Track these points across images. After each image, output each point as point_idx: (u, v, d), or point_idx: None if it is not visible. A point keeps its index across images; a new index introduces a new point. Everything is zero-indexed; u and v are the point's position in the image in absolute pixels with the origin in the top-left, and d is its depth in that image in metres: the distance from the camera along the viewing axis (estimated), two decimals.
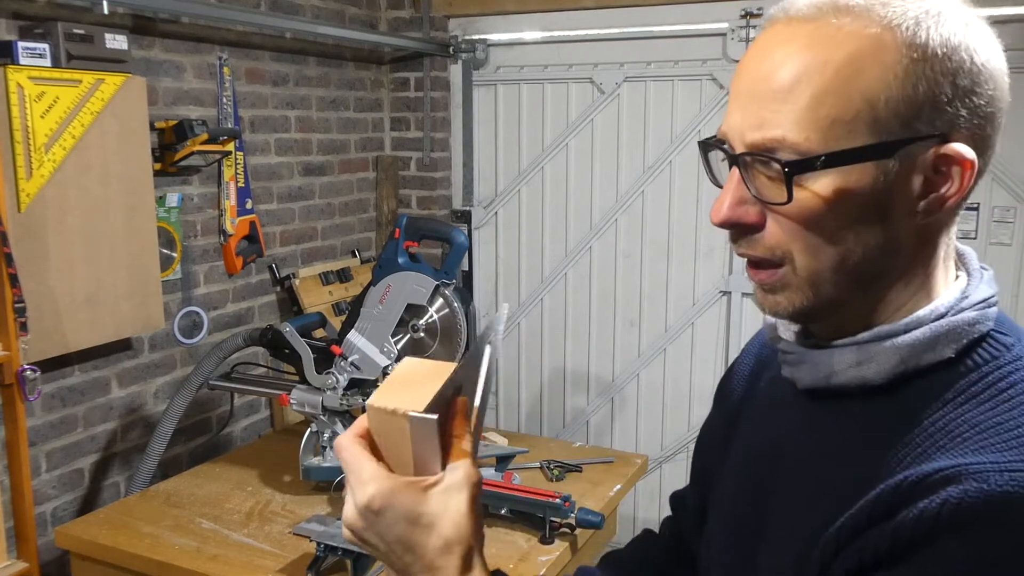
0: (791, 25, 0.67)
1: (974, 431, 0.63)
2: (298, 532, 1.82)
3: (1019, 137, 2.76)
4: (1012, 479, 0.58)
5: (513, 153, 3.51)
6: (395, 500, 0.65)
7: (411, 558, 0.66)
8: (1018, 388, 0.65)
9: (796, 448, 0.76)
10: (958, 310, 0.70)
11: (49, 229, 2.11)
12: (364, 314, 1.99)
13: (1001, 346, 0.69)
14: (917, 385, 0.69)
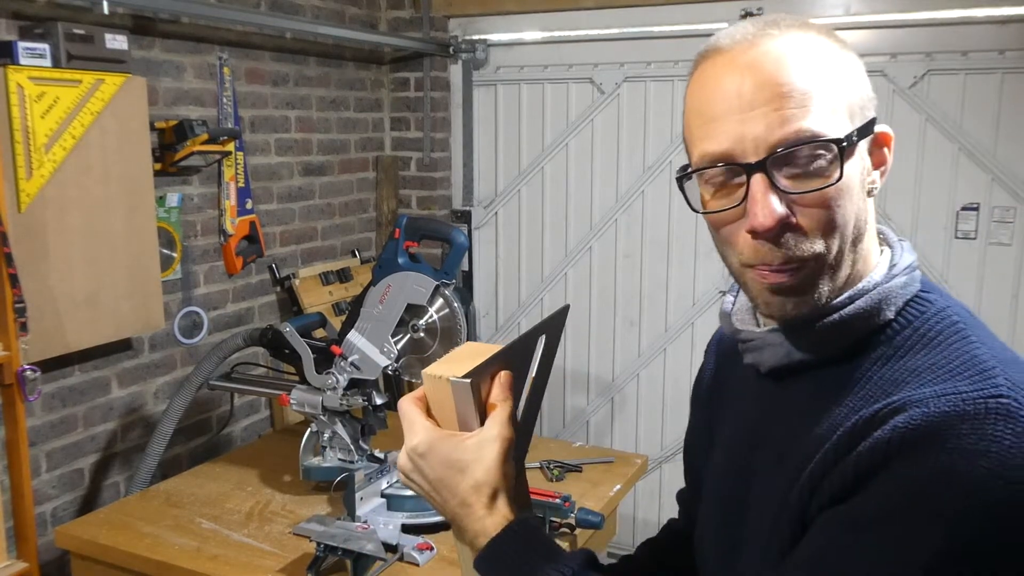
0: (760, 44, 0.75)
1: (913, 375, 0.72)
2: (298, 532, 1.82)
3: (1019, 137, 2.76)
4: (949, 401, 0.66)
5: (513, 153, 3.51)
6: (437, 447, 0.82)
7: (448, 494, 0.82)
8: (945, 334, 0.74)
9: (767, 428, 0.84)
10: (890, 277, 0.79)
11: (49, 229, 2.11)
12: (364, 314, 1.99)
13: (927, 302, 0.78)
14: (864, 347, 0.77)
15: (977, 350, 0.72)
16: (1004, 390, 0.66)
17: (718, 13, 3.01)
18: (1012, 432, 0.64)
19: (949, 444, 0.64)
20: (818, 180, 0.74)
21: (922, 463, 0.65)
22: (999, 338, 0.77)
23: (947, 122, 2.84)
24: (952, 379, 0.69)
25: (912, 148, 2.90)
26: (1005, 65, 2.73)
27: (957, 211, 2.87)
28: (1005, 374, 0.68)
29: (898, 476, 0.66)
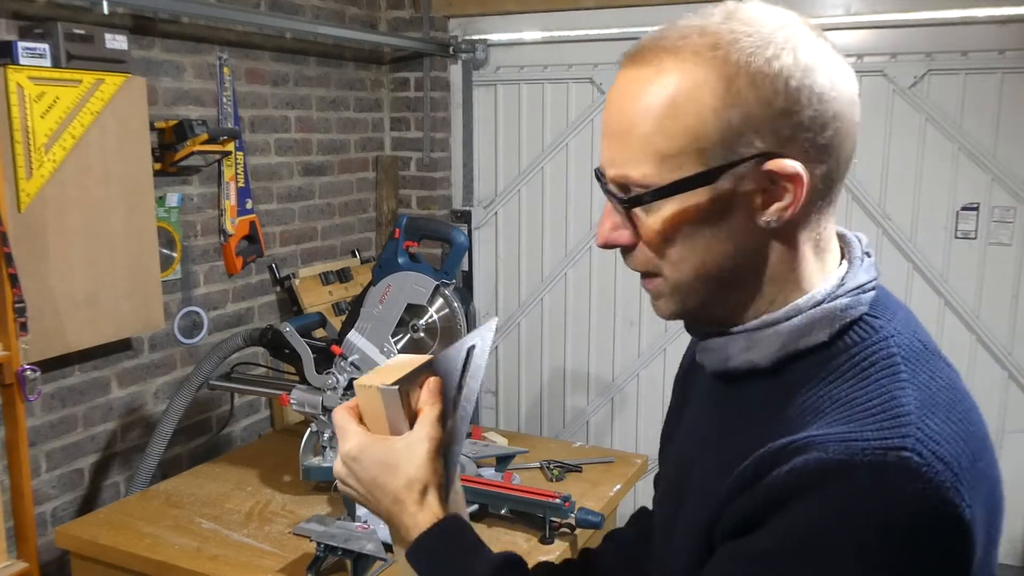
0: (629, 70, 0.76)
1: (834, 405, 0.71)
2: (298, 532, 1.82)
3: (1019, 137, 2.76)
4: (849, 448, 0.65)
5: (513, 153, 3.51)
6: (368, 450, 0.86)
7: (381, 494, 0.86)
8: (878, 366, 0.72)
9: (708, 426, 0.86)
10: (833, 297, 0.76)
11: (49, 229, 2.11)
12: (364, 314, 1.99)
13: (870, 328, 0.75)
14: (797, 366, 0.76)
15: (901, 391, 0.69)
16: (910, 442, 0.64)
17: None
18: (905, 488, 0.63)
19: (839, 492, 0.64)
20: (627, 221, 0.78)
21: (812, 508, 0.65)
22: (945, 372, 0.75)
23: (947, 122, 2.84)
24: (864, 420, 0.67)
25: (912, 148, 2.90)
26: (1005, 65, 2.73)
27: (957, 211, 2.87)
28: (920, 423, 0.66)
29: (791, 518, 0.66)
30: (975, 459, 0.68)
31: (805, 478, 0.65)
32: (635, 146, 0.74)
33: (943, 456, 0.65)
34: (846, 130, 0.75)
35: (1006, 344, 2.87)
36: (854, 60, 2.94)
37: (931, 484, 0.63)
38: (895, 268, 2.98)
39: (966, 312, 2.90)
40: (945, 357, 0.78)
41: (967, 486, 0.65)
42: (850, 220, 3.02)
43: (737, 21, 0.73)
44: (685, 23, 0.75)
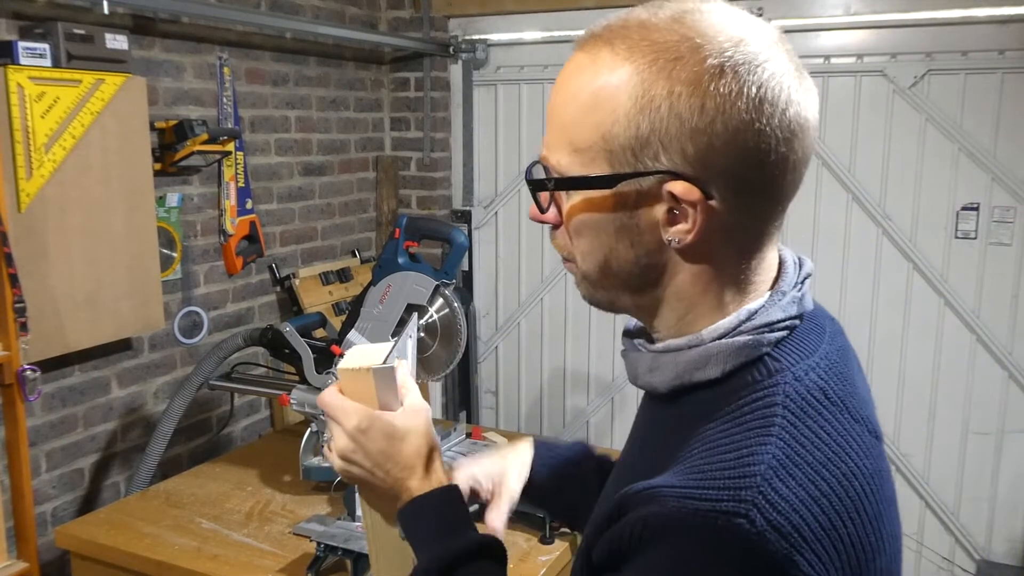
0: (575, 53, 0.74)
1: (702, 448, 0.69)
2: (298, 532, 1.82)
3: (1019, 137, 2.76)
4: (687, 506, 0.64)
5: (513, 153, 3.51)
6: (375, 422, 0.88)
7: (391, 464, 0.88)
8: (755, 414, 0.68)
9: (633, 436, 0.88)
10: (736, 332, 0.73)
11: (49, 229, 2.11)
12: (364, 314, 1.99)
13: (766, 371, 0.71)
14: (690, 398, 0.74)
15: (763, 447, 0.66)
16: (743, 507, 0.62)
17: None
18: (727, 554, 0.62)
19: (670, 549, 0.64)
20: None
21: (648, 561, 0.66)
22: (839, 427, 0.70)
23: (947, 122, 2.84)
24: (713, 475, 0.65)
25: (912, 148, 2.90)
26: (1005, 65, 2.73)
27: (957, 211, 2.87)
28: (767, 486, 0.63)
29: (635, 567, 0.67)
30: (835, 525, 0.65)
31: (645, 530, 0.66)
32: (558, 133, 0.74)
33: (779, 525, 0.62)
34: (775, 164, 0.69)
35: (1006, 344, 2.87)
36: (854, 60, 2.94)
37: (758, 554, 0.61)
38: (895, 268, 2.98)
39: (966, 312, 2.90)
40: (854, 409, 0.73)
41: (811, 555, 0.63)
42: (850, 220, 3.02)
43: (681, 24, 0.69)
44: (635, 14, 0.71)
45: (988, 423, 2.92)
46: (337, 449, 0.89)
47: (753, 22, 0.71)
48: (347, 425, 0.88)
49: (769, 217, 0.73)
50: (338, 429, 0.89)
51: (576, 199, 0.74)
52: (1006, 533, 2.95)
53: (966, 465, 2.97)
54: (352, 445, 0.88)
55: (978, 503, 2.97)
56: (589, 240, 0.75)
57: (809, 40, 2.98)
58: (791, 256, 0.80)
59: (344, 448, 0.88)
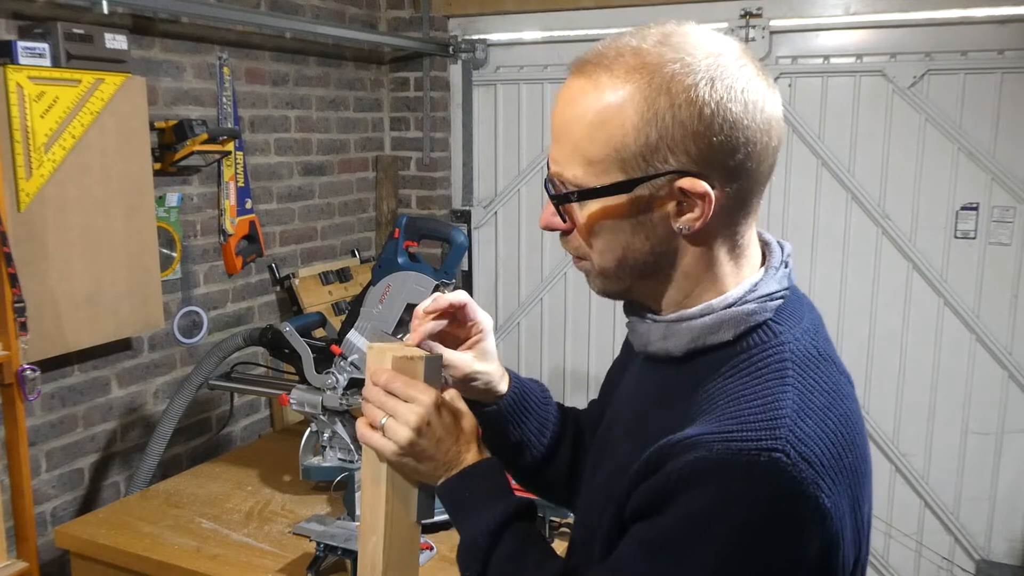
0: (572, 79, 0.85)
1: (727, 399, 0.81)
2: (298, 532, 1.82)
3: (1019, 137, 2.76)
4: (729, 448, 0.75)
5: (513, 153, 3.51)
6: (445, 401, 0.97)
7: (453, 439, 0.96)
8: (769, 368, 0.82)
9: (632, 398, 0.97)
10: (743, 301, 0.86)
11: (49, 229, 2.11)
12: (364, 314, 1.99)
13: (771, 333, 0.85)
14: (704, 359, 0.86)
15: (783, 393, 0.79)
16: (780, 443, 0.74)
17: (717, 13, 3.01)
18: (772, 484, 0.74)
19: (718, 488, 0.75)
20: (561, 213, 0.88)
21: (698, 501, 0.75)
22: (834, 378, 0.84)
23: (947, 122, 2.84)
24: (746, 419, 0.77)
25: (912, 148, 2.90)
26: (1005, 65, 2.73)
27: (957, 211, 2.87)
28: (793, 425, 0.76)
29: (682, 507, 0.76)
30: (840, 456, 0.78)
31: (693, 473, 0.75)
32: (569, 149, 0.84)
33: (808, 456, 0.75)
34: (759, 153, 0.82)
35: (1006, 344, 2.87)
36: (853, 60, 2.94)
37: (795, 480, 0.74)
38: (895, 268, 2.98)
39: (966, 312, 2.90)
40: (838, 363, 0.87)
41: (829, 478, 0.76)
42: (850, 220, 3.02)
43: (668, 47, 0.81)
44: (625, 41, 0.83)
45: (988, 423, 2.92)
46: (411, 423, 0.94)
47: (721, 39, 0.85)
48: (428, 400, 0.95)
49: (755, 197, 0.86)
50: (410, 406, 0.94)
51: (594, 206, 0.85)
52: (1006, 533, 2.95)
53: (966, 465, 2.97)
54: (428, 419, 0.94)
55: (978, 503, 2.97)
56: (607, 240, 0.86)
57: (809, 40, 2.98)
58: (772, 238, 0.94)
59: (419, 422, 0.94)
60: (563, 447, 1.17)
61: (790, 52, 3.01)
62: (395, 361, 0.97)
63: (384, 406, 0.96)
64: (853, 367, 1.12)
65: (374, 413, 0.96)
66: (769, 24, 2.98)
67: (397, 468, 0.97)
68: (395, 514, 0.98)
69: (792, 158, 3.04)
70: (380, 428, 0.95)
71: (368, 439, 0.96)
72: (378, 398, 0.96)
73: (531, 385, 1.17)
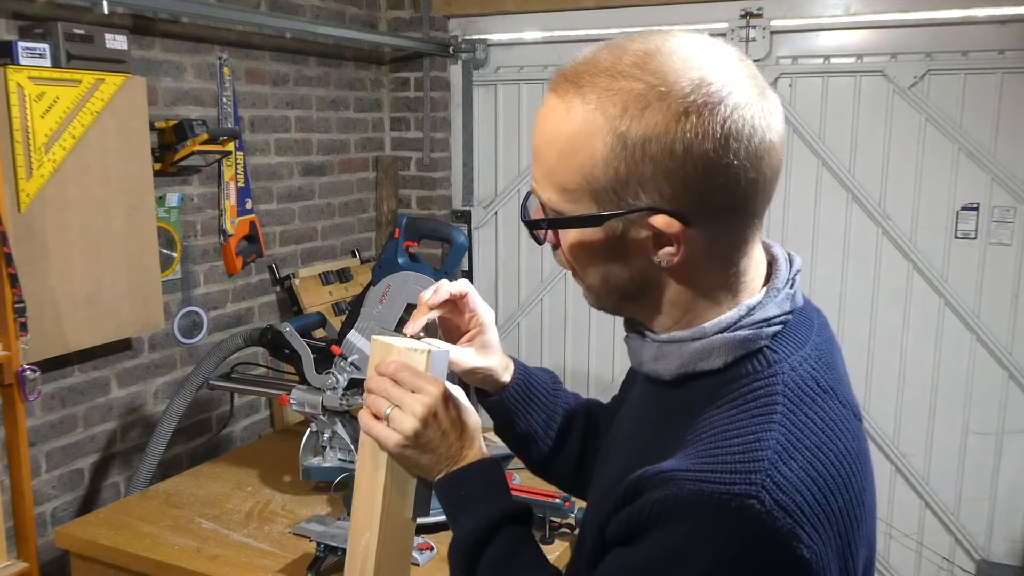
0: (548, 96, 0.79)
1: (710, 433, 0.76)
2: (298, 532, 1.82)
3: (1019, 137, 2.76)
4: (703, 489, 0.70)
5: (513, 153, 3.51)
6: (452, 394, 0.95)
7: (457, 433, 0.94)
8: (758, 401, 0.76)
9: (633, 416, 0.94)
10: (736, 327, 0.80)
11: (49, 229, 2.11)
12: (364, 314, 1.99)
13: (765, 362, 0.79)
14: (695, 385, 0.81)
15: (767, 433, 0.73)
16: (754, 490, 0.69)
17: (717, 13, 3.01)
18: (741, 531, 0.69)
19: (687, 528, 0.71)
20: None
21: (667, 538, 0.72)
22: (831, 411, 0.78)
23: (947, 122, 2.84)
24: (723, 459, 0.72)
25: (912, 148, 2.90)
26: (1005, 65, 2.73)
27: (957, 211, 2.87)
28: (772, 469, 0.71)
29: (651, 543, 0.73)
30: (827, 501, 0.72)
31: (664, 510, 0.72)
32: (544, 172, 0.80)
33: (785, 504, 0.70)
34: (744, 190, 0.75)
35: (1006, 344, 2.87)
36: (854, 60, 2.94)
37: (767, 530, 0.69)
38: (895, 268, 2.98)
39: (966, 312, 2.90)
40: (840, 395, 0.80)
41: (809, 528, 0.70)
42: (850, 220, 3.02)
43: (646, 71, 0.73)
44: (602, 58, 0.76)
45: (988, 423, 2.92)
46: (418, 413, 0.92)
47: (713, 52, 0.75)
48: (436, 391, 0.92)
49: (747, 228, 0.80)
50: (418, 396, 0.92)
51: (570, 234, 0.82)
52: (1006, 533, 2.95)
53: (966, 465, 2.97)
54: (435, 410, 0.92)
55: (978, 503, 2.97)
56: (587, 263, 0.83)
57: (809, 40, 2.98)
58: (782, 253, 0.87)
59: (427, 413, 0.92)
60: (571, 439, 1.15)
61: (790, 52, 3.01)
62: (402, 352, 0.95)
63: (390, 396, 0.93)
64: (853, 367, 1.11)
65: (379, 403, 0.93)
66: (769, 24, 2.98)
67: (398, 460, 0.95)
68: (392, 508, 0.97)
69: (792, 158, 3.04)
70: (384, 418, 0.93)
71: (371, 429, 0.94)
72: (384, 388, 0.94)
73: (539, 375, 1.14)
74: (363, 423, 0.95)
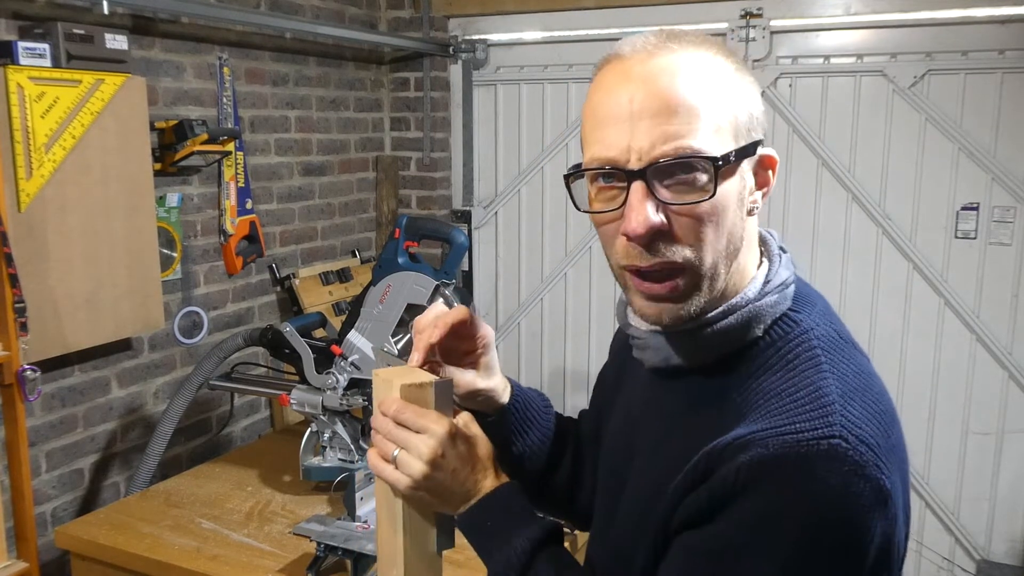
0: (657, 56, 0.80)
1: (764, 398, 0.79)
2: (298, 532, 1.82)
3: (1019, 137, 2.76)
4: (785, 443, 0.73)
5: (513, 153, 3.51)
6: (458, 430, 0.91)
7: (470, 467, 0.91)
8: (801, 358, 0.81)
9: (649, 417, 0.93)
10: (762, 295, 0.84)
11: (49, 229, 2.11)
12: (364, 314, 1.99)
13: (792, 323, 0.84)
14: (733, 362, 0.84)
15: (824, 381, 0.78)
16: (836, 429, 0.73)
17: (718, 13, 3.01)
18: (837, 471, 0.72)
19: (782, 484, 0.73)
20: (695, 194, 0.79)
21: (761, 500, 0.74)
22: (857, 358, 0.83)
23: (947, 122, 2.84)
24: (795, 413, 0.76)
25: (912, 148, 2.90)
26: (1005, 65, 2.73)
27: (957, 211, 2.87)
28: (843, 411, 0.75)
29: (742, 510, 0.74)
30: (888, 434, 0.77)
31: (752, 472, 0.74)
32: (692, 119, 0.78)
33: (864, 438, 0.74)
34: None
35: (1006, 344, 2.86)
36: (854, 60, 2.94)
37: (857, 464, 0.73)
38: (895, 268, 2.98)
39: (966, 312, 2.90)
40: (856, 344, 0.86)
41: (885, 458, 0.75)
42: (850, 220, 3.02)
43: (700, 41, 0.83)
44: (670, 37, 0.82)
45: (988, 423, 2.92)
46: (425, 457, 0.88)
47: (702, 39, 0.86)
48: (440, 431, 0.88)
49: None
50: (422, 437, 0.88)
51: (724, 181, 0.80)
52: (1006, 533, 2.95)
53: (966, 465, 2.97)
54: (442, 450, 0.88)
55: (978, 503, 2.97)
56: (723, 221, 0.81)
57: (809, 40, 2.98)
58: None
59: (433, 455, 0.88)
60: (565, 457, 1.14)
61: (790, 52, 3.01)
62: (403, 390, 0.90)
63: (395, 438, 0.89)
64: None
65: (385, 446, 0.90)
66: (769, 24, 2.98)
67: (411, 502, 0.91)
68: (413, 548, 0.93)
69: (792, 158, 3.04)
70: (392, 461, 0.89)
71: (381, 472, 0.90)
72: (388, 429, 0.90)
73: (532, 395, 1.13)
74: (372, 465, 0.92)
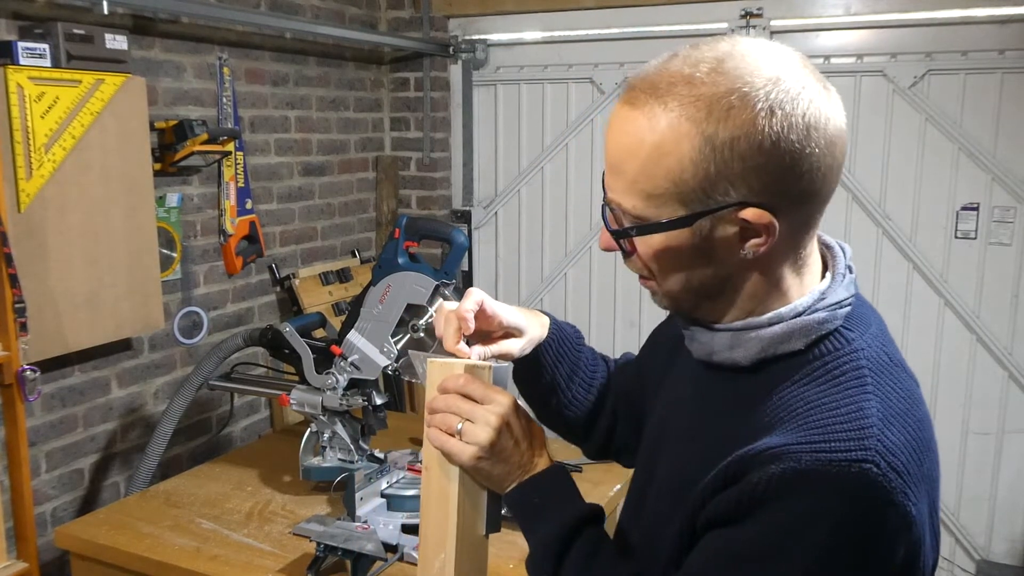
0: (623, 109, 0.82)
1: (807, 407, 0.80)
2: (298, 532, 1.81)
3: (1019, 137, 2.76)
4: (818, 460, 0.74)
5: (513, 153, 3.51)
6: (518, 405, 0.97)
7: (526, 445, 0.96)
8: (847, 375, 0.81)
9: (690, 407, 0.95)
10: (813, 310, 0.85)
11: (49, 229, 2.11)
12: (364, 314, 1.99)
13: (843, 340, 0.85)
14: (775, 368, 0.85)
15: (867, 401, 0.79)
16: (870, 454, 0.74)
17: (718, 13, 3.01)
18: (863, 496, 0.74)
19: (810, 499, 0.74)
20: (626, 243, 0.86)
21: (787, 512, 0.75)
22: (906, 382, 0.83)
23: (947, 122, 2.84)
24: (831, 430, 0.77)
25: (912, 148, 2.90)
26: (1005, 65, 2.73)
27: (957, 211, 2.87)
28: (881, 435, 0.76)
29: (768, 518, 0.76)
30: (920, 462, 0.78)
31: (782, 484, 0.75)
32: (625, 181, 0.82)
33: (896, 466, 0.75)
34: (823, 175, 0.80)
35: (1006, 344, 2.87)
36: (854, 60, 2.94)
37: (885, 491, 0.74)
38: (895, 268, 2.98)
39: (966, 312, 2.90)
40: (907, 368, 0.86)
41: (913, 487, 0.76)
42: (850, 220, 3.02)
43: (723, 75, 0.77)
44: (676, 68, 0.79)
45: (988, 423, 2.92)
46: (492, 423, 0.93)
47: (779, 53, 0.80)
48: (505, 400, 0.95)
49: (818, 213, 0.85)
50: (490, 407, 0.94)
51: (655, 238, 0.83)
52: (1006, 533, 2.95)
53: (966, 465, 2.97)
54: (508, 419, 0.94)
55: (978, 503, 2.97)
56: (670, 268, 0.85)
57: (809, 40, 2.98)
58: (834, 241, 0.92)
59: (500, 422, 0.93)
60: (591, 393, 1.21)
61: None
62: (468, 368, 0.96)
63: (461, 411, 0.94)
64: None
65: (449, 420, 0.94)
66: (769, 24, 2.98)
67: (472, 473, 0.95)
68: (466, 526, 0.96)
69: None
70: (457, 433, 0.94)
71: (445, 444, 0.94)
72: (453, 403, 0.95)
73: (568, 330, 1.19)
74: (435, 440, 0.95)
